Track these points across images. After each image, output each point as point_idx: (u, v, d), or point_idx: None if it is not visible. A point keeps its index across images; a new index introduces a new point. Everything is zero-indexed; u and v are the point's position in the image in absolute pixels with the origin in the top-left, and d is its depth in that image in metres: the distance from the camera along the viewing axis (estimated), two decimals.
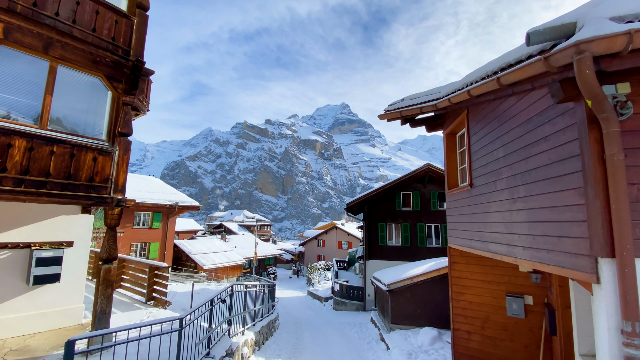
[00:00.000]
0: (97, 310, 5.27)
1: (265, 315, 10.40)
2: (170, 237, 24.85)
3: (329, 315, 18.11)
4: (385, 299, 11.74)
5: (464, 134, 5.99)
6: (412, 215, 18.93)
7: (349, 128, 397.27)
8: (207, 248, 36.84)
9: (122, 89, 5.79)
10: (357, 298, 19.06)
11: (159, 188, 26.19)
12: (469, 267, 6.09)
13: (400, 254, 18.47)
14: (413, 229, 18.77)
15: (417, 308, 10.20)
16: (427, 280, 10.12)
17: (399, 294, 10.44)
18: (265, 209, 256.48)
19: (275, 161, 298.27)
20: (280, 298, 26.69)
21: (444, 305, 9.87)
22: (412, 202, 19.09)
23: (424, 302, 10.15)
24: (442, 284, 9.94)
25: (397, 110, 6.27)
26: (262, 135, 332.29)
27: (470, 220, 5.10)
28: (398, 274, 11.28)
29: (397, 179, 18.75)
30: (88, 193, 5.20)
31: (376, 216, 19.29)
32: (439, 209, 18.74)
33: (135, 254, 22.71)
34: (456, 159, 6.34)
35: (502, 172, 4.02)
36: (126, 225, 21.83)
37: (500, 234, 4.06)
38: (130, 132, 5.82)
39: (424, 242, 18.51)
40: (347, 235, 44.55)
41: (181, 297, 10.42)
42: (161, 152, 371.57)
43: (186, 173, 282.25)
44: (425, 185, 18.98)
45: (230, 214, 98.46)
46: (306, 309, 20.70)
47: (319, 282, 30.35)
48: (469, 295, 6.09)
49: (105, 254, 5.44)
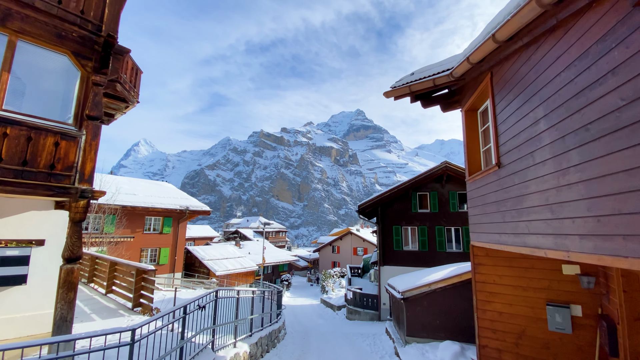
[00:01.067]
0: (57, 317, 4.58)
1: (267, 325, 9.50)
2: (181, 242, 24.57)
3: (341, 324, 16.96)
4: (400, 309, 10.57)
5: (487, 106, 4.96)
6: (430, 217, 17.61)
7: (364, 134, 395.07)
8: (220, 254, 36.50)
9: (92, 67, 5.19)
10: (371, 307, 17.81)
11: (170, 193, 26.12)
12: (497, 270, 4.98)
13: (417, 260, 17.15)
14: (431, 232, 17.43)
15: (435, 318, 9.00)
16: (446, 287, 8.93)
17: (415, 302, 9.28)
18: (281, 216, 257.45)
19: (291, 168, 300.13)
20: (293, 306, 25.73)
21: (467, 315, 8.64)
22: (430, 203, 17.78)
23: (444, 312, 8.94)
24: (465, 291, 8.72)
25: (406, 85, 5.34)
26: (278, 143, 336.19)
27: (499, 209, 4.05)
28: (414, 281, 10.12)
29: (413, 179, 17.55)
30: (47, 182, 4.57)
31: (391, 219, 18.10)
32: (459, 210, 17.34)
33: (146, 259, 22.50)
34: (478, 139, 5.29)
35: (543, 138, 3.01)
36: (136, 230, 21.70)
37: (542, 222, 3.02)
38: (101, 116, 5.19)
39: (443, 247, 17.12)
40: (363, 241, 43.12)
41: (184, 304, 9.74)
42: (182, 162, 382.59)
43: (205, 182, 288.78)
44: (444, 185, 17.66)
45: (247, 220, 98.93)
46: (318, 317, 19.62)
47: (333, 289, 29.16)
48: (499, 305, 4.96)
49: (68, 253, 4.77)
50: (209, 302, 5.15)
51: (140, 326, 3.47)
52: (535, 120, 3.14)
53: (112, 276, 8.87)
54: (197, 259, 34.14)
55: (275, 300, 12.66)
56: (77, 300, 8.27)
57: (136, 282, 7.34)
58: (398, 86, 5.48)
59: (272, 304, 11.22)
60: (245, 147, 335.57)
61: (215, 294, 5.47)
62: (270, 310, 10.26)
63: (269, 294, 10.42)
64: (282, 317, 13.28)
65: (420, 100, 5.78)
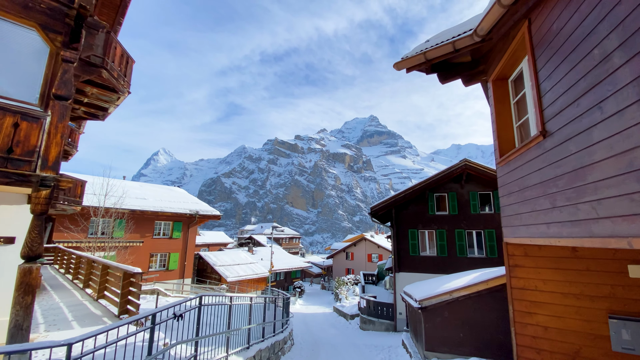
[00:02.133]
0: (11, 325, 3.92)
1: (269, 335, 8.65)
2: (190, 247, 24.21)
3: (354, 335, 15.85)
4: (417, 319, 9.48)
5: (522, 70, 4.03)
6: (449, 220, 16.37)
7: (378, 140, 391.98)
8: (232, 260, 36.05)
9: (62, 42, 4.64)
10: (386, 316, 16.62)
11: (180, 198, 25.94)
12: (541, 273, 3.97)
13: (436, 266, 15.90)
14: (450, 236, 16.17)
15: (458, 331, 7.90)
16: (470, 295, 7.83)
17: (434, 312, 8.21)
18: (296, 222, 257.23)
19: (305, 175, 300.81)
20: (305, 314, 24.72)
21: (494, 328, 7.50)
22: (448, 205, 16.56)
23: (468, 323, 7.82)
24: (492, 300, 7.60)
25: (421, 53, 4.49)
26: (292, 151, 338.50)
27: (547, 191, 3.10)
28: (432, 288, 9.06)
29: (429, 179, 16.41)
30: (3, 168, 3.98)
31: (406, 222, 16.97)
32: (480, 212, 16.04)
33: (155, 265, 22.20)
34: (509, 112, 4.34)
35: (618, 79, 2.09)
36: (146, 235, 21.47)
37: (623, 199, 2.08)
38: (70, 96, 4.61)
39: (464, 252, 15.81)
40: (377, 247, 41.67)
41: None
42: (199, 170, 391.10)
43: (221, 189, 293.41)
44: (463, 185, 16.42)
45: (260, 227, 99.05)
46: (330, 327, 18.55)
47: (347, 297, 27.98)
48: (543, 317, 3.94)
49: (26, 250, 4.14)
50: (190, 309, 4.38)
51: (82, 339, 2.72)
52: (605, 55, 2.22)
53: (104, 280, 8.31)
54: (209, 265, 33.81)
55: (282, 308, 11.81)
56: (63, 306, 7.71)
57: (123, 287, 6.69)
58: (411, 55, 4.64)
59: (278, 312, 10.38)
60: (260, 154, 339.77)
61: (199, 300, 4.71)
62: (274, 319, 9.41)
63: (272, 301, 9.58)
64: (290, 326, 12.39)
65: (437, 72, 4.90)
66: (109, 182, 16.64)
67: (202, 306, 4.75)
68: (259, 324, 7.50)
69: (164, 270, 22.37)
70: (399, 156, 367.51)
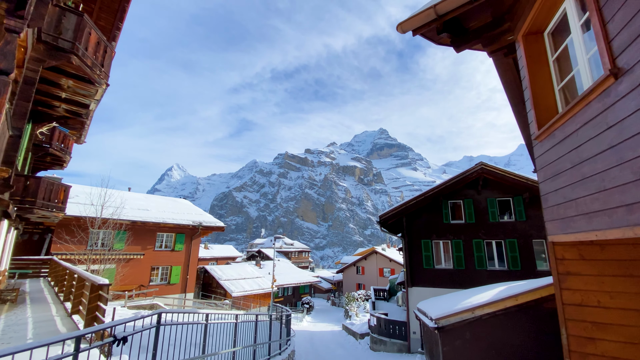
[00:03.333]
0: None
1: (262, 358, 7.56)
2: (193, 260, 23.37)
3: (363, 357, 14.42)
4: (433, 341, 8.21)
5: (562, 17, 3.08)
6: (465, 229, 15.04)
7: (389, 152, 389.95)
8: (238, 274, 34.99)
9: (5, 9, 4.00)
10: (399, 336, 15.15)
11: (184, 209, 25.38)
12: (606, 283, 2.88)
13: (452, 280, 14.49)
14: (467, 247, 14.80)
15: (483, 356, 6.62)
16: (497, 313, 6.59)
17: (453, 333, 6.98)
18: (306, 236, 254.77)
19: (315, 188, 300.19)
20: (312, 332, 23.26)
21: (529, 352, 6.21)
22: (464, 213, 15.27)
23: (495, 347, 6.55)
24: (525, 318, 6.35)
25: (431, 7, 3.62)
26: (302, 164, 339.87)
27: (624, 157, 2.09)
28: (451, 305, 7.84)
29: (442, 184, 15.23)
30: None
31: (418, 232, 15.71)
32: (500, 220, 14.69)
33: (157, 278, 21.39)
34: (548, 73, 3.38)
35: None
36: (147, 247, 20.81)
37: None
38: (10, 69, 3.92)
39: (483, 264, 14.38)
40: (389, 261, 39.89)
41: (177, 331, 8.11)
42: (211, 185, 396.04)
43: (233, 203, 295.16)
44: (480, 191, 15.16)
45: (270, 240, 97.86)
46: (337, 347, 17.11)
47: (357, 314, 26.36)
48: (611, 345, 2.82)
49: None
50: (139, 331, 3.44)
51: None
52: None
53: (79, 294, 7.46)
54: (214, 279, 32.83)
55: (281, 326, 10.68)
56: (30, 322, 6.87)
57: (90, 300, 5.82)
58: (418, 12, 3.76)
59: (275, 331, 9.28)
60: (271, 168, 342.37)
61: (158, 318, 3.76)
62: (269, 340, 8.32)
63: (268, 319, 8.52)
64: (291, 346, 11.20)
65: (450, 33, 3.99)
66: (107, 192, 16.15)
67: (161, 326, 3.80)
68: (247, 346, 6.45)
69: (165, 285, 21.52)
70: (410, 168, 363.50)
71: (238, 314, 6.38)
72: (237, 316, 6.17)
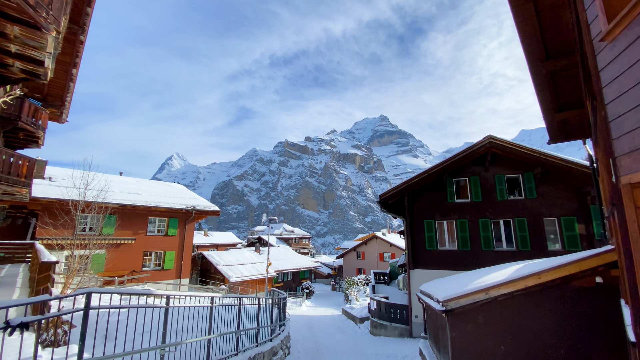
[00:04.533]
0: None
1: (249, 346, 6.76)
2: (188, 245, 22.66)
3: (363, 342, 13.79)
4: (440, 325, 7.40)
5: None
6: (471, 208, 14.14)
7: (389, 140, 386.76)
8: (236, 260, 34.51)
9: None
10: (400, 320, 14.49)
11: (178, 193, 24.50)
12: None
13: (457, 262, 13.69)
14: (473, 227, 13.93)
15: (499, 343, 5.79)
16: (515, 293, 5.72)
17: (464, 317, 6.13)
18: (307, 224, 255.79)
19: (315, 177, 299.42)
20: (311, 317, 22.79)
21: (557, 339, 5.37)
22: (470, 191, 14.33)
23: (513, 332, 5.71)
24: (549, 300, 5.49)
25: None
26: (302, 152, 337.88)
27: None
28: (460, 285, 6.98)
29: (447, 160, 14.20)
30: None
31: (421, 212, 14.82)
32: (508, 198, 13.76)
33: (150, 264, 20.73)
34: None
35: None
36: (139, 232, 20.04)
37: None
38: None
39: (490, 245, 13.54)
40: (390, 245, 39.32)
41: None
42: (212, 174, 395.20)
43: (234, 192, 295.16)
44: (487, 167, 14.17)
45: (271, 227, 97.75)
46: (336, 331, 16.53)
47: (357, 298, 25.87)
48: None
49: None
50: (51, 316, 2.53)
51: None
52: None
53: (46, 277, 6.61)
54: (212, 265, 32.37)
55: (274, 311, 9.91)
56: None
57: (38, 282, 4.95)
58: None
59: (265, 316, 8.49)
60: (271, 157, 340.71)
61: (86, 300, 2.85)
62: (258, 325, 7.51)
63: (255, 303, 7.69)
64: (285, 331, 10.48)
65: None
66: (89, 175, 15.15)
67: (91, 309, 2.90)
68: (224, 333, 5.60)
69: (159, 270, 20.88)
70: (411, 155, 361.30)
71: (215, 296, 5.51)
72: (213, 299, 5.30)
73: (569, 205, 13.01)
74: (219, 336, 5.18)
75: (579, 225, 12.83)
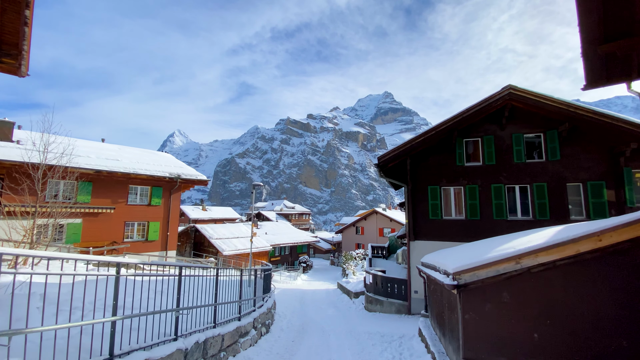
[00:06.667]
0: None
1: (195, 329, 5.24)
2: (174, 216, 21.27)
3: (355, 318, 12.52)
4: (447, 303, 5.82)
5: None
6: (483, 172, 12.34)
7: (393, 117, 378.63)
8: (231, 233, 33.44)
9: None
10: (398, 295, 13.15)
11: (163, 161, 22.80)
12: None
13: (464, 232, 12.09)
14: (484, 193, 12.20)
15: (531, 329, 4.18)
16: (560, 262, 4.02)
17: (482, 294, 4.50)
18: (309, 202, 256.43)
19: (317, 155, 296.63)
20: (304, 290, 21.77)
21: (624, 330, 3.74)
22: (483, 153, 12.46)
23: (553, 315, 4.08)
24: (612, 272, 3.80)
25: None
26: (304, 130, 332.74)
27: None
28: (475, 254, 5.34)
29: (457, 115, 12.17)
30: None
31: (425, 177, 13.05)
32: (526, 161, 11.91)
33: (133, 235, 19.44)
34: None
35: None
36: (118, 201, 18.56)
37: None
38: None
39: (503, 214, 11.86)
40: (390, 221, 38.02)
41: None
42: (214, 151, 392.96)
43: (236, 170, 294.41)
44: (504, 125, 12.20)
45: (271, 204, 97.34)
46: (329, 306, 15.35)
47: (354, 272, 24.81)
48: None
49: None
50: None
51: None
52: None
53: None
54: (205, 238, 31.36)
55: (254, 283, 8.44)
56: None
57: None
58: None
59: (232, 291, 6.97)
60: (273, 134, 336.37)
61: None
62: (216, 302, 5.97)
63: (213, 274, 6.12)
64: (264, 307, 9.07)
65: None
66: (49, 137, 13.32)
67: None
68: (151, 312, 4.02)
69: (142, 242, 19.64)
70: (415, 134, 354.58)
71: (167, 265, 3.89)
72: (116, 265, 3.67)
73: (597, 168, 11.18)
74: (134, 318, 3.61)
75: (608, 191, 11.06)
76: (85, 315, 3.78)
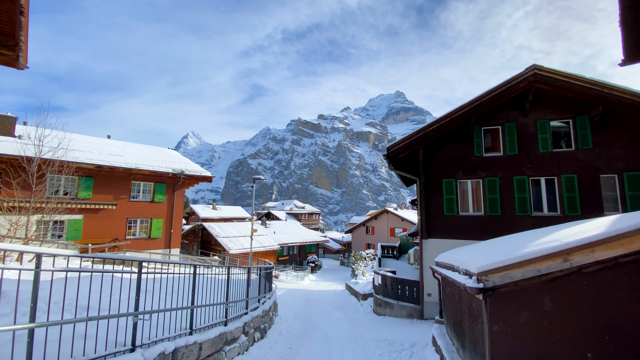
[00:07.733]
0: None
1: (163, 337, 4.43)
2: (177, 212, 20.79)
3: (363, 322, 11.53)
4: (469, 311, 4.81)
5: None
6: (504, 164, 11.16)
7: (405, 117, 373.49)
8: (238, 232, 32.93)
9: None
10: (409, 298, 12.10)
11: (168, 158, 22.39)
12: None
13: (483, 230, 10.94)
14: (506, 186, 11.02)
15: (585, 347, 3.17)
16: (624, 260, 3.01)
17: (515, 300, 3.51)
18: (320, 202, 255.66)
19: (328, 155, 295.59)
20: (310, 291, 20.88)
21: None
22: (504, 142, 11.28)
23: (618, 331, 3.07)
24: None
25: None
26: (315, 131, 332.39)
27: None
28: (503, 251, 4.34)
29: (475, 100, 11.00)
30: None
31: (439, 169, 11.95)
32: (552, 150, 10.67)
33: (136, 232, 19.04)
34: None
35: None
36: (120, 197, 18.17)
37: None
38: None
39: (527, 209, 10.65)
40: (401, 220, 36.69)
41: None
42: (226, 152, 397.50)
43: (248, 170, 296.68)
44: (527, 111, 10.99)
45: (282, 203, 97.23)
46: (335, 309, 14.40)
47: (364, 273, 23.78)
48: None
49: None
50: None
51: None
52: None
53: None
54: (212, 237, 30.94)
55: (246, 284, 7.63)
56: None
57: None
58: None
59: (218, 292, 6.16)
60: (284, 135, 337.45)
61: None
62: (193, 304, 5.15)
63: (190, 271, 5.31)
64: (259, 309, 8.24)
65: None
66: (44, 131, 12.90)
67: None
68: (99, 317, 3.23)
69: (145, 239, 19.20)
70: None
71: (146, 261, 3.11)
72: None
73: (635, 157, 9.86)
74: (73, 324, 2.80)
75: None
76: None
